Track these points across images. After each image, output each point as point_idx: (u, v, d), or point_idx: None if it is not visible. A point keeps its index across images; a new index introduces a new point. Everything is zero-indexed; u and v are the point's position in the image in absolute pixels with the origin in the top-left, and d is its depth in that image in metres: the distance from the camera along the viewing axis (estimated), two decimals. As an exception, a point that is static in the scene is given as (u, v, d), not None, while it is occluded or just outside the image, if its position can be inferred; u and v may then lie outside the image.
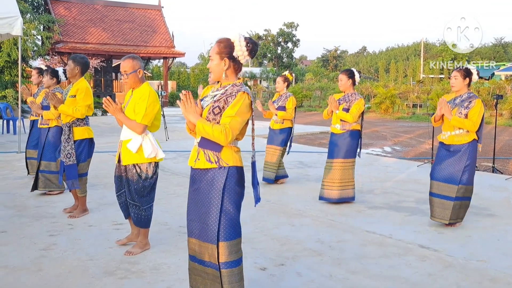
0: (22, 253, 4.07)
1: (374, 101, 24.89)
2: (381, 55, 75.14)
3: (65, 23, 25.29)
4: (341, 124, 5.86)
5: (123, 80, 4.06)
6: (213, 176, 2.78)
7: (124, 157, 4.01)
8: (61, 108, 5.02)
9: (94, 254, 4.06)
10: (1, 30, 9.21)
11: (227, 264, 2.77)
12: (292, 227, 4.99)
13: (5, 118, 13.41)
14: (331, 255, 4.17)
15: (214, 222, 2.75)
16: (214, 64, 2.82)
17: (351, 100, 5.80)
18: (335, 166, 5.83)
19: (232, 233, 2.79)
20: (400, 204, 6.07)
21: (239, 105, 2.73)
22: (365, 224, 5.12)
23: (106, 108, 3.87)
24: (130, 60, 3.97)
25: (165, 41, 27.62)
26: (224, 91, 2.81)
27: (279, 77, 7.02)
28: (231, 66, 2.83)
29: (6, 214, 5.25)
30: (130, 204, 4.08)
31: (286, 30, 55.84)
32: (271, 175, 6.92)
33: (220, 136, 2.67)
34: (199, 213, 2.82)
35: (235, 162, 2.81)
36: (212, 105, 2.78)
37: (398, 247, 4.43)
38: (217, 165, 2.77)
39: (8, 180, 7.13)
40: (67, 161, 4.98)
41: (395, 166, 8.98)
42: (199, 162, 2.83)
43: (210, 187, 2.78)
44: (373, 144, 12.95)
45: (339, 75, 5.96)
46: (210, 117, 2.76)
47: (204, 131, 2.70)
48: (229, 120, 2.69)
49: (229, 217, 2.78)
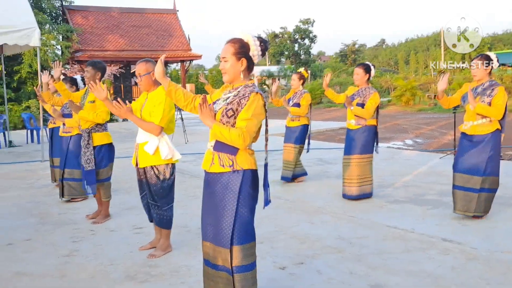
0: (46, 260, 4.14)
1: (394, 93, 24.57)
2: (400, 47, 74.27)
3: (83, 32, 25.66)
4: (356, 119, 5.80)
5: (137, 82, 4.10)
6: (228, 180, 2.77)
7: (141, 160, 4.05)
8: (81, 113, 5.08)
9: (116, 259, 4.10)
10: (19, 41, 9.40)
11: (240, 268, 2.75)
12: (311, 225, 4.96)
13: (29, 128, 13.68)
14: (351, 252, 4.13)
15: (228, 226, 2.74)
16: (229, 65, 2.78)
17: (365, 95, 5.73)
18: (353, 162, 5.78)
19: (246, 237, 2.77)
20: (422, 198, 5.98)
21: (254, 107, 2.71)
22: (386, 219, 5.06)
23: (117, 110, 3.87)
24: (143, 63, 4.03)
25: (182, 44, 27.80)
26: (236, 93, 2.79)
27: (294, 74, 6.99)
28: (246, 67, 2.82)
29: (31, 222, 5.35)
30: (152, 205, 4.14)
31: (302, 26, 55.64)
32: (288, 174, 6.89)
33: (238, 139, 2.66)
34: (213, 217, 2.80)
35: (250, 165, 2.79)
36: (225, 108, 2.76)
37: (420, 241, 4.36)
38: (231, 169, 2.76)
39: (33, 188, 7.27)
40: (87, 167, 5.06)
41: (416, 159, 8.86)
42: (214, 166, 2.81)
43: (225, 191, 2.77)
44: (394, 138, 12.80)
45: (355, 68, 5.88)
46: (224, 120, 2.75)
47: (221, 134, 2.69)
48: (245, 123, 2.68)
49: (243, 221, 2.76)
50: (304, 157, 8.88)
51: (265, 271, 3.72)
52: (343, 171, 5.91)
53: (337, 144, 11.45)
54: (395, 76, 33.12)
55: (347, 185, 5.84)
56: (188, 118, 20.24)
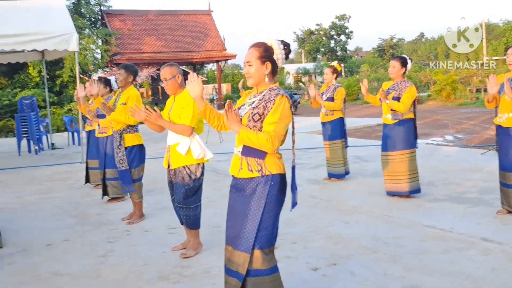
0: (82, 260, 4.23)
1: (434, 88, 23.94)
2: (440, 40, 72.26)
3: (121, 35, 26.21)
4: (392, 113, 5.65)
5: (164, 86, 4.13)
6: (257, 185, 2.73)
7: (173, 161, 4.07)
8: (113, 115, 5.16)
9: (149, 259, 4.14)
10: (58, 46, 9.66)
11: (257, 272, 2.70)
12: (346, 225, 4.87)
13: (70, 130, 14.06)
14: (386, 252, 4.03)
15: (251, 231, 2.70)
16: (254, 69, 2.76)
17: (401, 88, 5.57)
18: (395, 159, 5.61)
19: (268, 242, 2.73)
20: (463, 195, 5.78)
21: (280, 110, 2.67)
22: (424, 218, 4.91)
23: (147, 118, 3.90)
24: (168, 68, 4.06)
25: (217, 45, 27.98)
26: (261, 97, 2.76)
27: (327, 68, 6.89)
28: (270, 70, 2.79)
29: (70, 223, 5.48)
30: (179, 207, 4.15)
31: (338, 23, 55.09)
32: (339, 170, 6.78)
33: (266, 144, 2.62)
34: (238, 221, 2.77)
35: (278, 169, 2.74)
36: (251, 112, 2.73)
37: (460, 240, 4.21)
38: (260, 174, 2.72)
39: (72, 189, 7.45)
40: (120, 167, 5.14)
41: (456, 155, 8.59)
42: (242, 172, 2.78)
43: (252, 196, 2.73)
44: (434, 134, 12.46)
45: (391, 61, 5.71)
46: (250, 124, 2.72)
47: (248, 139, 2.66)
48: (273, 127, 2.64)
49: (268, 225, 2.72)
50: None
51: (297, 272, 3.68)
52: (382, 167, 5.77)
53: (374, 141, 11.24)
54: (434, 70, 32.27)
55: (394, 182, 5.67)
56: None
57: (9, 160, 11.20)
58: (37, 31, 9.39)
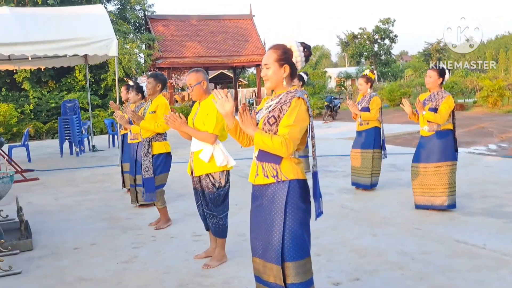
0: (107, 265, 4.29)
1: (480, 94, 23.08)
2: (490, 44, 69.89)
3: (164, 40, 26.70)
4: (429, 125, 5.47)
5: (189, 93, 4.15)
6: (274, 192, 2.65)
7: (197, 168, 4.07)
8: (142, 124, 5.23)
9: (171, 267, 4.16)
10: (99, 51, 9.91)
11: (294, 285, 2.62)
12: (374, 237, 4.74)
13: (110, 133, 14.41)
14: (413, 268, 3.88)
15: (277, 242, 2.61)
16: (271, 71, 2.69)
17: (437, 99, 5.39)
18: (429, 171, 5.41)
19: (299, 253, 2.62)
20: (500, 209, 5.52)
21: (296, 112, 2.58)
22: (456, 233, 4.71)
23: (172, 124, 3.93)
24: (193, 74, 4.07)
25: (257, 49, 28.05)
26: (278, 100, 2.69)
27: (360, 78, 6.75)
28: (289, 73, 2.73)
29: (100, 227, 5.59)
30: (207, 214, 4.14)
31: (382, 26, 54.10)
32: (364, 181, 6.61)
33: (280, 148, 2.53)
34: (262, 231, 2.70)
35: (296, 175, 2.65)
36: (267, 116, 2.66)
37: (491, 258, 4.01)
38: (275, 180, 2.64)
39: (107, 192, 7.61)
40: (145, 174, 5.19)
41: (499, 166, 8.22)
42: (258, 178, 2.72)
43: (271, 204, 2.65)
44: (477, 142, 12.00)
45: (428, 71, 5.55)
46: (266, 128, 2.65)
47: (263, 143, 2.58)
48: (288, 130, 2.55)
49: (294, 235, 2.61)
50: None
51: (318, 286, 3.57)
52: (412, 179, 5.59)
53: (412, 149, 10.88)
54: (481, 75, 31.19)
55: (423, 195, 5.47)
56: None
57: (52, 161, 11.59)
58: (78, 36, 9.66)
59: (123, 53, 21.73)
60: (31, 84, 20.52)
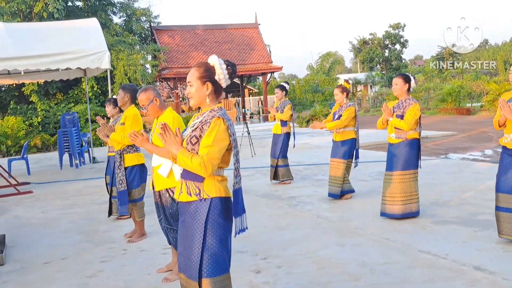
0: (71, 280, 4.35)
1: (486, 98, 22.83)
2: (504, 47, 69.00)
3: (169, 50, 26.93)
4: (396, 132, 5.47)
5: (144, 114, 4.18)
6: (196, 209, 2.70)
7: (157, 183, 4.11)
8: (112, 136, 5.30)
9: (131, 281, 4.20)
10: (91, 64, 10.12)
11: None
12: (340, 248, 4.73)
13: (111, 144, 14.58)
14: (368, 280, 3.87)
15: (196, 258, 2.66)
16: (194, 89, 2.76)
17: (405, 106, 5.41)
18: (394, 179, 5.44)
19: (216, 269, 2.67)
20: (474, 218, 5.47)
21: (215, 132, 2.64)
22: (422, 243, 4.68)
23: (133, 141, 3.98)
24: (143, 93, 4.11)
25: (263, 57, 28.14)
26: (202, 119, 2.75)
27: (336, 89, 6.77)
28: (212, 91, 2.77)
29: (75, 240, 5.67)
30: (168, 229, 4.17)
31: (392, 31, 53.86)
32: (336, 190, 6.64)
33: (199, 168, 2.59)
34: (184, 247, 2.75)
35: (218, 192, 2.70)
36: (190, 135, 2.72)
37: (449, 269, 3.98)
38: (197, 198, 2.70)
39: (94, 205, 7.70)
40: (119, 187, 5.26)
41: (487, 172, 8.12)
42: (182, 196, 2.78)
43: (193, 221, 2.70)
44: (473, 148, 11.88)
45: (394, 79, 5.60)
46: (189, 147, 2.70)
47: (184, 163, 2.64)
48: (206, 151, 2.61)
49: (212, 252, 2.66)
50: (362, 171, 8.56)
51: (268, 299, 3.60)
52: (383, 188, 5.59)
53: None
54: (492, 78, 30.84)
55: (388, 203, 5.50)
56: (257, 130, 20.50)
57: (50, 174, 11.77)
58: (71, 50, 9.85)
59: (129, 64, 21.98)
60: (38, 97, 20.86)
